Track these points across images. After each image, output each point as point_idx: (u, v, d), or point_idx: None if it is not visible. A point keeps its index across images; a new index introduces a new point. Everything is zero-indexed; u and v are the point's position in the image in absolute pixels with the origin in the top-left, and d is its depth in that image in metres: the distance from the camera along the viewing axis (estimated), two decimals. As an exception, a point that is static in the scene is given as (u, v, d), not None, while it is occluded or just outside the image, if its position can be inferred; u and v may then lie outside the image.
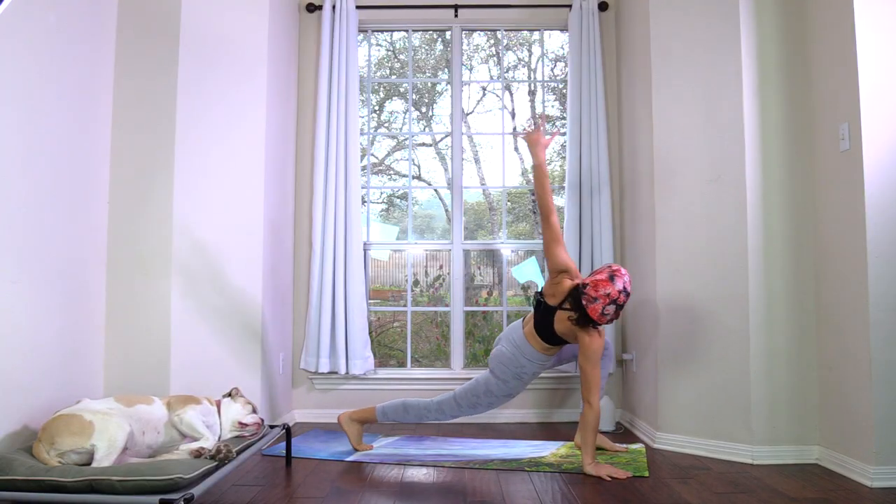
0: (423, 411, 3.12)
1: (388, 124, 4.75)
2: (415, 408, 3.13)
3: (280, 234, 3.75)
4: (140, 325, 3.14)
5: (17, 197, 2.46)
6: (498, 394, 3.03)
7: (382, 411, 3.16)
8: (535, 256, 4.30)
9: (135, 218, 3.18)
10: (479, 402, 3.06)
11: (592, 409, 2.80)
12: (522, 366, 2.98)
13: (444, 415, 3.12)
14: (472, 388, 3.07)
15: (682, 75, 3.33)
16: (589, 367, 2.82)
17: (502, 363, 3.00)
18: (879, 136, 2.68)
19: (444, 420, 3.19)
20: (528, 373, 3.01)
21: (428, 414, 3.13)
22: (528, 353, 2.97)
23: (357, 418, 3.21)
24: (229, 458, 2.28)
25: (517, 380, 3.01)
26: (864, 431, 2.65)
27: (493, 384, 3.03)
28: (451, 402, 3.10)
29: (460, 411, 3.10)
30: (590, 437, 2.80)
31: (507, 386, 3.02)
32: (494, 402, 3.07)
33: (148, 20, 3.25)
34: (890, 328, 2.62)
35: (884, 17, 2.71)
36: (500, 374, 3.01)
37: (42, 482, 2.00)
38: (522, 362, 2.98)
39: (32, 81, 2.56)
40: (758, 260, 3.06)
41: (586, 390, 2.83)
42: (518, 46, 4.63)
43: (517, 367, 2.98)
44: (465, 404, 3.08)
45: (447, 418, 3.15)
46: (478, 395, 3.05)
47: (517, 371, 2.99)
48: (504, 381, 3.01)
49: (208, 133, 3.30)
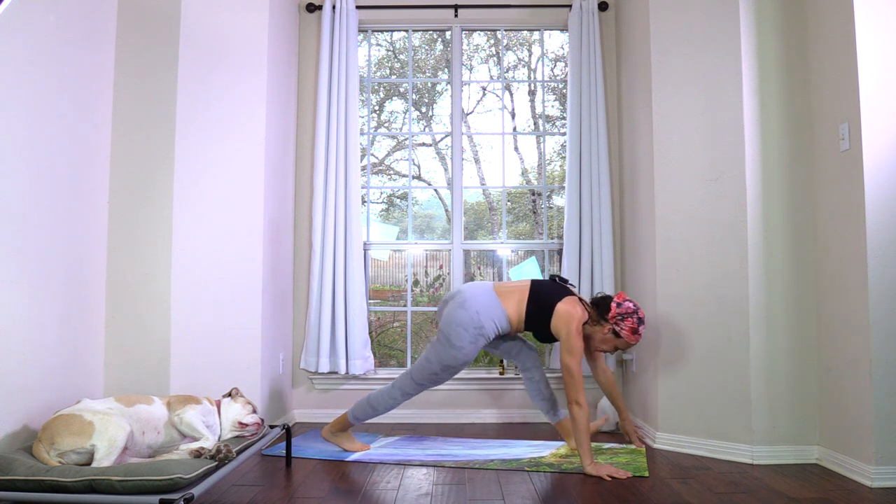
0: (388, 400, 3.07)
1: (388, 124, 4.75)
2: (378, 400, 3.08)
3: (280, 234, 3.75)
4: (140, 325, 3.14)
5: (18, 197, 2.46)
6: (454, 364, 2.95)
7: (353, 416, 3.11)
8: (535, 256, 4.30)
9: (135, 218, 3.18)
10: (439, 378, 3.01)
11: (583, 409, 2.77)
12: (482, 326, 2.92)
13: (408, 395, 3.07)
14: (425, 365, 3.00)
15: (682, 75, 3.33)
16: (575, 363, 2.80)
17: (462, 327, 2.92)
18: (879, 136, 2.68)
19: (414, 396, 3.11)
20: (484, 337, 2.95)
21: (392, 401, 3.07)
22: (498, 316, 2.95)
23: (336, 429, 3.17)
24: (229, 458, 2.28)
25: (472, 344, 2.94)
26: (864, 431, 2.65)
27: (447, 355, 2.94)
28: (410, 383, 3.04)
29: (422, 388, 3.05)
30: (585, 437, 2.78)
31: (463, 353, 2.93)
32: (453, 372, 3.00)
33: (148, 20, 3.25)
34: (890, 328, 2.62)
35: (884, 17, 2.71)
36: (455, 340, 2.92)
37: (42, 482, 2.00)
38: (483, 323, 2.92)
39: (32, 82, 2.56)
40: (758, 260, 3.06)
41: (574, 390, 2.78)
42: (518, 46, 4.63)
43: (476, 327, 2.92)
44: (425, 381, 3.02)
45: (414, 395, 3.09)
46: (435, 373, 2.99)
47: (476, 333, 2.92)
48: (459, 349, 2.92)
49: (208, 133, 3.30)
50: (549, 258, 4.26)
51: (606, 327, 2.96)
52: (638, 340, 2.97)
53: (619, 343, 2.98)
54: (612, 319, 2.93)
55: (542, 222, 4.40)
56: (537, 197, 4.55)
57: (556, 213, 4.40)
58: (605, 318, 2.95)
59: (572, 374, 2.79)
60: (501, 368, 4.06)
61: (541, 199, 4.46)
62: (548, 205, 4.40)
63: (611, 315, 2.93)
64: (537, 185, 4.50)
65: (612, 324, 2.94)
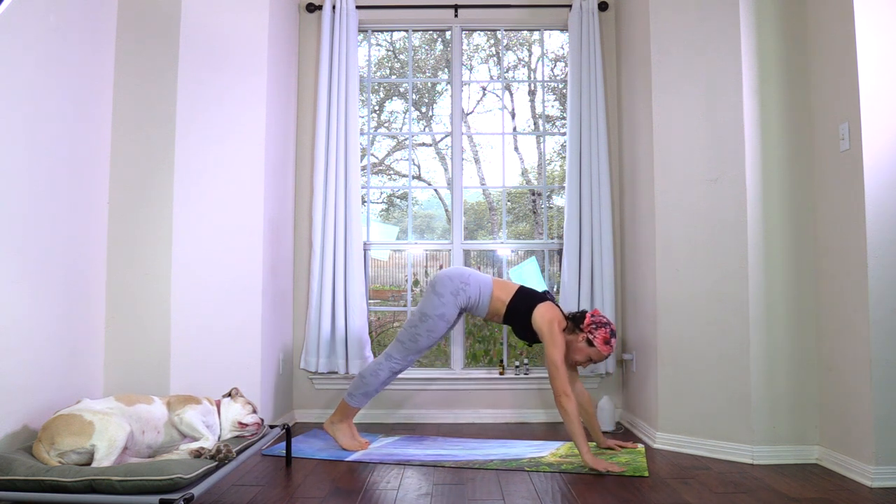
0: (375, 368, 3.18)
1: (388, 124, 4.76)
2: (367, 371, 3.20)
3: (280, 234, 3.75)
4: (140, 325, 3.14)
5: (18, 197, 2.46)
6: (431, 313, 3.10)
7: (349, 395, 3.22)
8: (534, 256, 4.30)
9: (135, 218, 3.18)
10: (418, 331, 3.12)
11: (570, 399, 2.85)
12: (467, 284, 3.12)
13: (394, 360, 3.17)
14: (408, 321, 3.19)
15: (682, 75, 3.33)
16: (560, 356, 2.93)
17: (449, 277, 3.14)
18: (879, 136, 2.68)
19: (399, 368, 3.18)
20: (465, 294, 3.12)
21: (381, 368, 3.17)
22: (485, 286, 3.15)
23: (337, 419, 3.25)
24: (229, 458, 2.28)
25: (453, 296, 3.10)
26: (864, 431, 2.65)
27: (428, 303, 3.11)
28: (395, 344, 3.18)
29: (405, 348, 3.15)
30: (577, 427, 2.83)
31: (442, 301, 3.09)
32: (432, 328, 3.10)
33: (148, 20, 3.25)
34: (890, 328, 2.62)
35: (884, 17, 2.71)
36: (439, 287, 3.12)
37: (42, 482, 2.00)
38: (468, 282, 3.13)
39: (32, 82, 2.56)
40: (758, 260, 3.06)
41: (561, 381, 2.88)
42: (518, 46, 4.63)
43: (462, 282, 3.12)
44: (406, 339, 3.15)
45: (400, 364, 3.18)
46: (414, 325, 3.13)
47: (459, 286, 3.11)
48: (440, 296, 3.10)
49: (208, 133, 3.30)
50: (549, 258, 4.26)
51: (581, 336, 3.08)
52: (609, 352, 3.07)
53: (592, 353, 3.08)
54: (586, 328, 3.07)
55: (542, 222, 4.40)
56: (537, 197, 4.55)
57: (556, 213, 4.40)
58: (580, 328, 3.09)
59: (557, 366, 2.91)
60: (501, 368, 4.06)
61: (541, 199, 4.46)
62: (548, 205, 4.40)
63: (586, 324, 3.08)
64: (537, 185, 4.50)
65: (586, 332, 3.06)
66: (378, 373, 3.17)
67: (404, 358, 3.17)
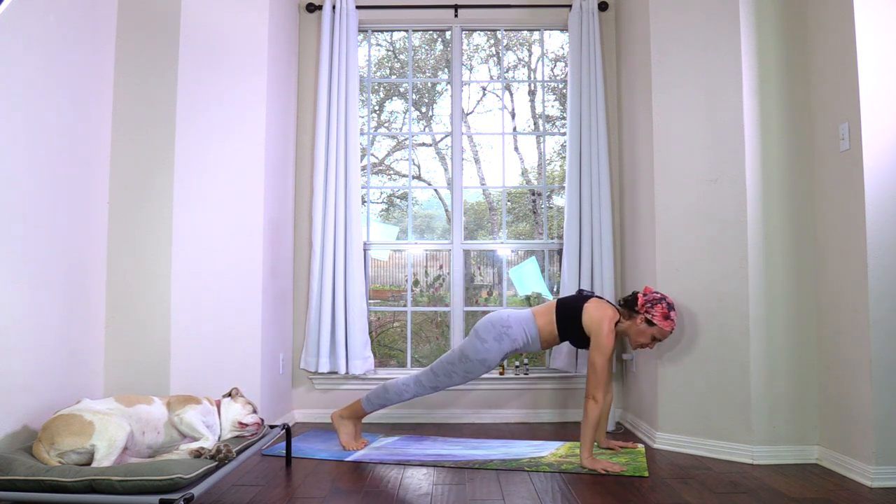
0: (402, 388, 3.16)
1: (388, 124, 4.75)
2: (394, 386, 3.18)
3: (280, 234, 3.75)
4: (140, 325, 3.14)
5: (18, 197, 2.46)
6: (473, 357, 3.04)
7: (367, 399, 3.20)
8: (534, 256, 4.30)
9: (135, 218, 3.18)
10: (455, 369, 3.08)
11: (598, 405, 2.85)
12: (509, 326, 3.04)
13: (422, 387, 3.15)
14: (447, 356, 3.13)
15: (682, 75, 3.33)
16: (602, 361, 2.89)
17: (491, 323, 3.07)
18: (879, 136, 2.68)
19: (424, 394, 3.18)
20: (510, 338, 3.04)
21: (406, 389, 3.15)
22: (528, 324, 3.07)
23: (347, 415, 3.26)
24: (229, 458, 2.28)
25: (497, 342, 3.03)
26: (864, 431, 2.65)
27: (470, 345, 3.05)
28: (428, 373, 3.15)
29: (437, 380, 3.12)
30: (590, 432, 2.85)
31: (485, 347, 3.03)
32: (470, 370, 3.07)
33: (148, 20, 3.25)
34: (890, 328, 2.62)
35: (884, 17, 2.71)
36: (482, 332, 3.06)
37: (42, 482, 2.00)
38: (511, 324, 3.04)
39: (32, 82, 2.56)
40: (758, 260, 3.06)
41: (595, 386, 2.87)
42: (518, 46, 4.63)
43: (504, 326, 3.04)
44: (440, 372, 3.11)
45: (427, 391, 3.16)
46: (453, 363, 3.09)
47: (501, 331, 3.04)
48: (483, 341, 3.04)
49: (208, 133, 3.30)
50: (549, 258, 4.26)
51: (638, 318, 3.03)
52: (672, 327, 3.01)
53: (655, 332, 3.01)
54: (641, 308, 3.01)
55: (542, 222, 4.40)
56: (537, 197, 4.55)
57: (556, 213, 4.40)
58: (635, 311, 3.03)
59: (596, 370, 2.89)
60: (501, 369, 4.06)
61: (541, 199, 4.46)
62: (548, 205, 4.40)
63: (640, 304, 3.01)
64: (537, 185, 4.50)
65: (643, 313, 3.01)
66: (403, 393, 3.16)
67: (433, 388, 3.15)
